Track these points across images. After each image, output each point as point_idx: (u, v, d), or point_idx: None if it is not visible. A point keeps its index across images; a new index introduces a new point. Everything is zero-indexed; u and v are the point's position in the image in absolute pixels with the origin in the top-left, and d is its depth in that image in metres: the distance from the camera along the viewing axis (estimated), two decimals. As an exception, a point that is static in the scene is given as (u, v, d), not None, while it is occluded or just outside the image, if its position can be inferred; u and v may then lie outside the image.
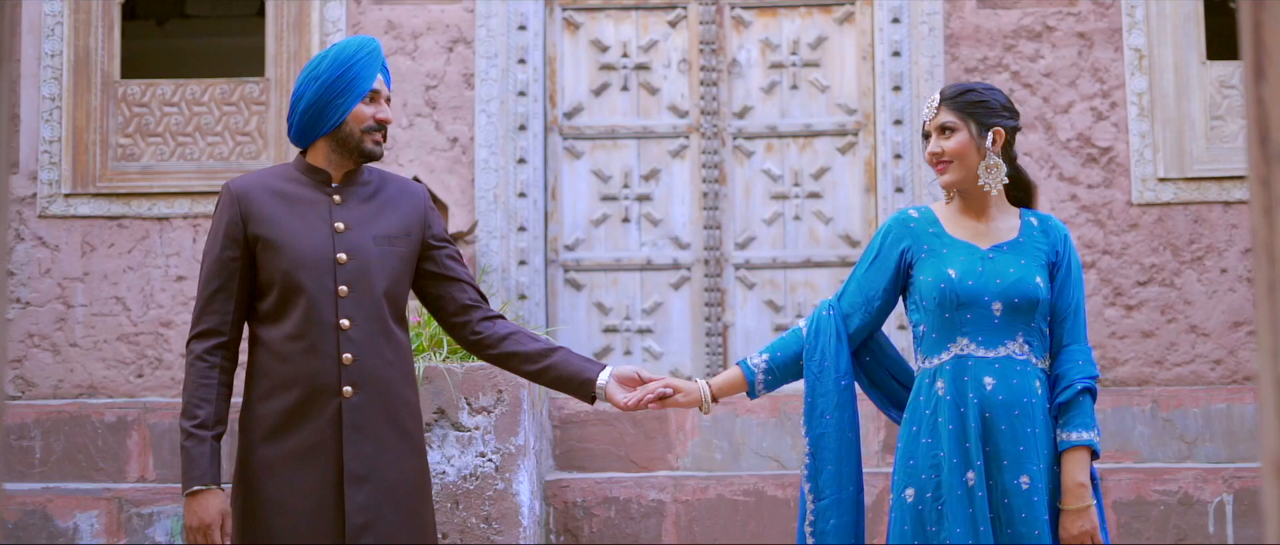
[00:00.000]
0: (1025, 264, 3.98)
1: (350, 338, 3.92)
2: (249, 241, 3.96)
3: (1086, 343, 4.00)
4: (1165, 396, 7.56)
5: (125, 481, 7.17)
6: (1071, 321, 4.00)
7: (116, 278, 8.19)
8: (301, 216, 4.00)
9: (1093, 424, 3.94)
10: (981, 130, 4.02)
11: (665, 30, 8.52)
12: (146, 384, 8.10)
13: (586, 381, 4.15)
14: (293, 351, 3.93)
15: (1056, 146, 8.16)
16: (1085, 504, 3.88)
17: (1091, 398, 3.96)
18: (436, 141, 8.24)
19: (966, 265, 3.98)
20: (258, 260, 3.97)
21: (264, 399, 3.96)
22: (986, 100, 4.06)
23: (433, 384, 6.12)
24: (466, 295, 4.22)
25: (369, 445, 3.93)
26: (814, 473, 4.09)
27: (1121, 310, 8.09)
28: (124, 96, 8.25)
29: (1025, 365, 3.95)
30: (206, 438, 3.90)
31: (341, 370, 3.91)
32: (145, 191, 8.18)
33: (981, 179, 4.02)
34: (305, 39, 8.12)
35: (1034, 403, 3.92)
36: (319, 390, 3.92)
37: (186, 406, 3.94)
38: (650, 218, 8.46)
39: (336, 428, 3.91)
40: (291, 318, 3.94)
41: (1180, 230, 8.08)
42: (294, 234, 3.97)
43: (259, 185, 4.04)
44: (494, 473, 6.13)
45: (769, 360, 4.21)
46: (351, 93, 4.01)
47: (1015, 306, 3.94)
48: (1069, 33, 8.22)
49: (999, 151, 4.03)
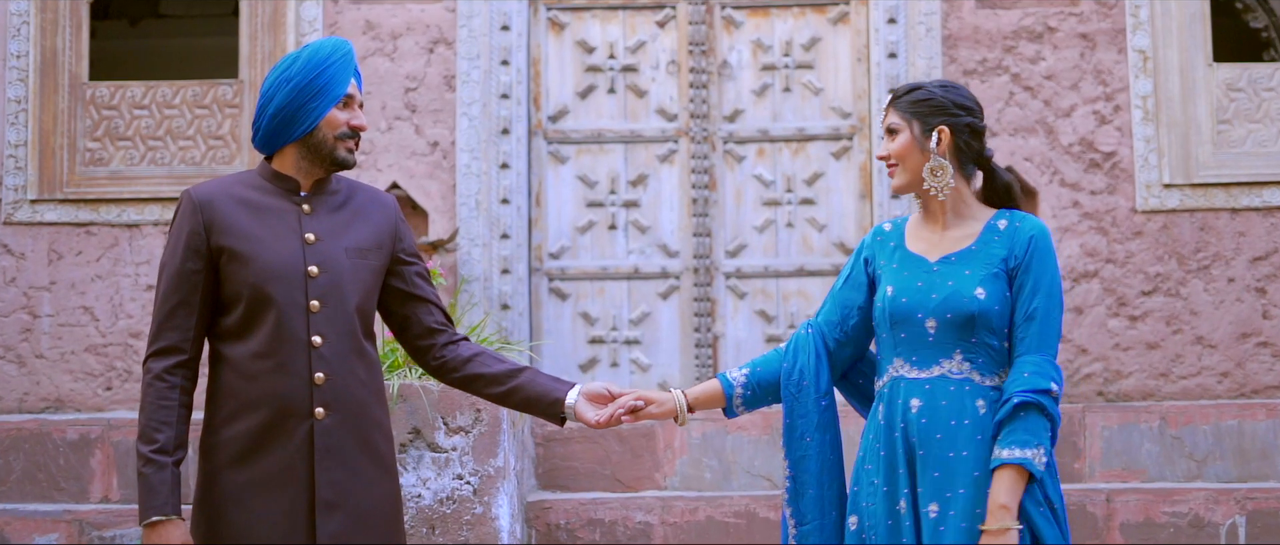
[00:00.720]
0: (968, 275, 3.78)
1: (322, 356, 3.78)
2: (212, 253, 3.79)
3: (1045, 352, 3.71)
4: (1173, 412, 7.38)
5: (87, 502, 6.98)
6: (1026, 330, 3.73)
7: (84, 287, 8.09)
8: (269, 227, 3.84)
9: (1029, 441, 3.64)
10: (925, 130, 3.85)
11: (653, 31, 8.44)
12: (115, 397, 7.99)
13: (554, 401, 4.04)
14: (260, 370, 3.77)
15: (1058, 151, 8.06)
16: (1003, 526, 3.61)
17: (1037, 413, 3.65)
18: (416, 146, 8.15)
19: (906, 281, 3.85)
20: (222, 273, 3.80)
21: (228, 421, 3.80)
22: (932, 98, 3.87)
23: (407, 403, 5.91)
24: (432, 317, 4.09)
25: (341, 470, 3.79)
26: (795, 496, 3.97)
27: (1125, 321, 8.00)
28: (93, 99, 8.17)
29: (963, 384, 3.75)
30: (167, 464, 3.73)
31: (313, 390, 3.77)
32: (114, 197, 8.09)
33: (927, 182, 3.84)
34: (280, 39, 8.06)
35: (965, 424, 3.73)
36: (288, 412, 3.76)
37: (144, 430, 3.75)
38: (638, 225, 8.37)
39: (308, 452, 3.76)
40: (259, 334, 3.78)
41: (1186, 238, 8.00)
42: (262, 245, 3.81)
43: (222, 193, 3.87)
44: (472, 496, 5.93)
45: (749, 376, 4.08)
46: (325, 97, 3.86)
47: (949, 322, 3.76)
48: (1071, 34, 8.13)
49: (944, 152, 3.84)
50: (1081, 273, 7.98)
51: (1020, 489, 3.64)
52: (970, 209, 3.89)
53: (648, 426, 7.32)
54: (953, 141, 3.85)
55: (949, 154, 3.85)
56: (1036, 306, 3.72)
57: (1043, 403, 3.65)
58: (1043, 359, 3.70)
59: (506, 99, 8.15)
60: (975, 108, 3.91)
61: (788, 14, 8.40)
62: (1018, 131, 8.02)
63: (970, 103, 3.90)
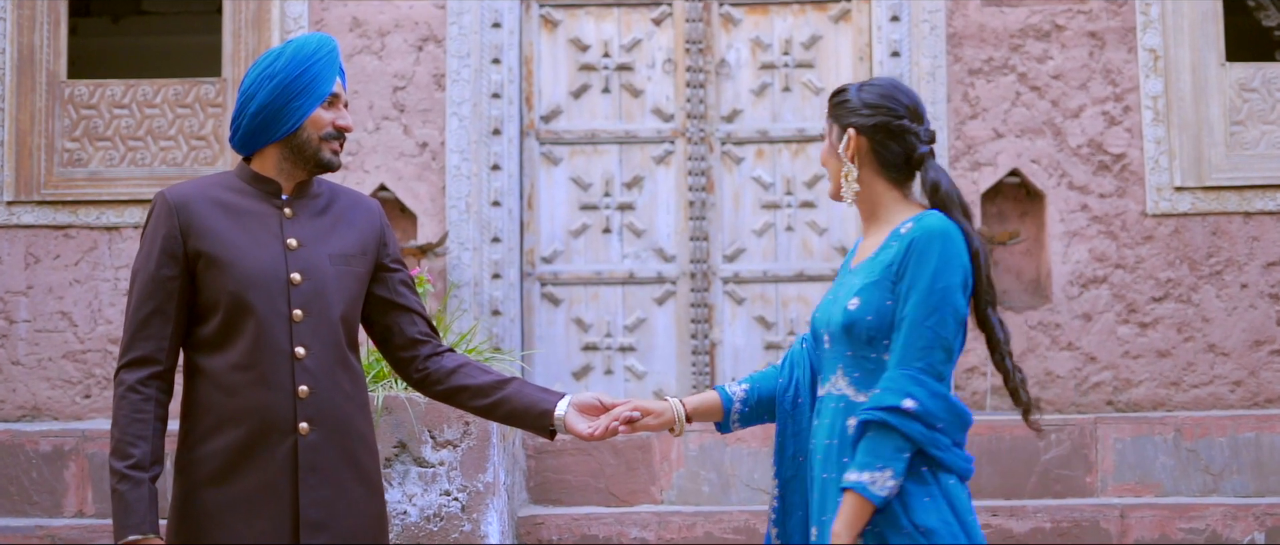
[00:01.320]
0: (853, 284, 3.58)
1: (306, 367, 3.67)
2: (190, 258, 3.67)
3: (909, 366, 3.43)
4: (1188, 424, 7.27)
5: (61, 517, 6.83)
6: (894, 341, 3.49)
7: (62, 291, 8.01)
8: (249, 231, 3.73)
9: (869, 464, 3.39)
10: (840, 134, 3.66)
11: (649, 28, 8.35)
12: (94, 405, 7.92)
13: (543, 413, 3.91)
14: (240, 383, 3.65)
15: (1066, 153, 7.98)
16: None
17: (882, 431, 3.40)
18: (404, 146, 8.05)
19: (828, 294, 3.72)
20: (198, 279, 3.68)
21: (207, 437, 3.67)
22: (846, 99, 3.66)
23: (393, 415, 5.75)
24: (417, 328, 3.97)
25: (326, 488, 3.68)
26: (782, 516, 3.79)
27: (1135, 328, 7.94)
28: (71, 98, 8.09)
29: (840, 401, 3.56)
30: (143, 480, 3.60)
31: (297, 404, 3.66)
32: (93, 199, 8.03)
33: (841, 188, 3.67)
34: (265, 36, 8.00)
35: (834, 445, 3.55)
36: (270, 427, 3.65)
37: (118, 444, 3.63)
38: (633, 228, 8.27)
39: (291, 469, 3.65)
40: (238, 345, 3.66)
41: (1198, 243, 7.94)
42: (242, 250, 3.70)
43: (199, 195, 3.75)
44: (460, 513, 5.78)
45: (748, 391, 3.91)
46: (310, 95, 3.75)
47: (834, 336, 3.58)
48: (1079, 32, 8.05)
49: (853, 156, 3.61)
50: (1090, 278, 7.92)
51: (859, 516, 3.39)
52: (891, 214, 3.64)
53: (643, 438, 7.18)
54: (867, 144, 3.61)
55: (863, 156, 3.62)
56: (904, 315, 3.45)
57: (887, 420, 3.38)
58: (904, 373, 3.42)
59: (498, 98, 8.07)
60: (895, 106, 3.63)
61: (787, 11, 8.32)
62: (1025, 133, 7.95)
63: (887, 102, 3.63)
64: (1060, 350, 7.87)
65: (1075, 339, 7.87)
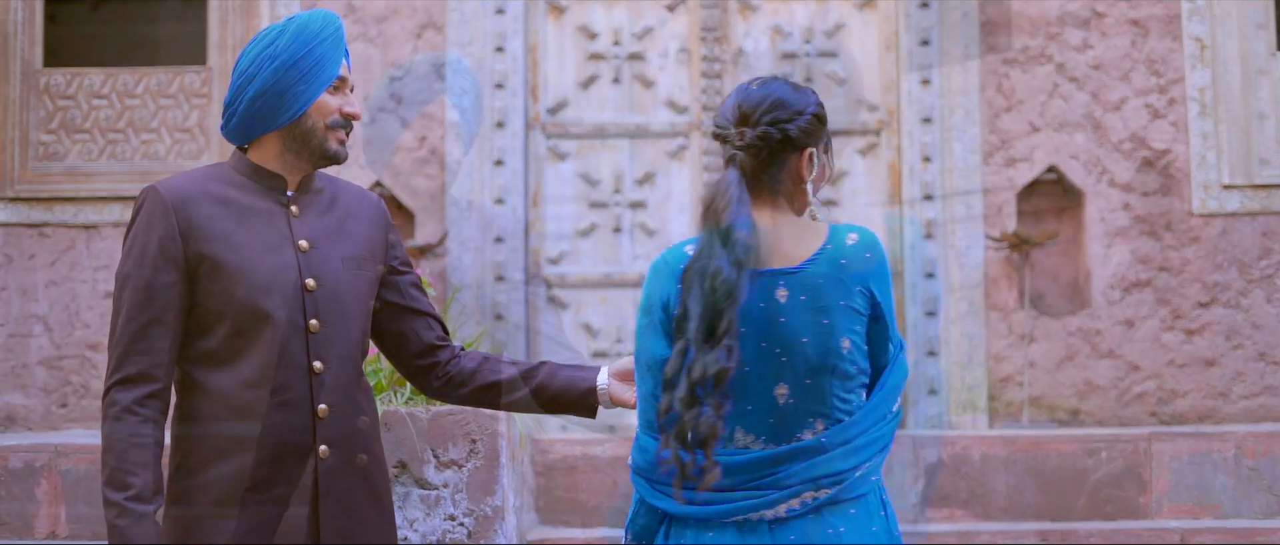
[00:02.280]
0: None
1: (325, 384, 3.46)
2: (191, 262, 3.42)
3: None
4: (1249, 441, 7.14)
5: (32, 539, 6.57)
6: None
7: (37, 293, 7.95)
8: (257, 232, 3.50)
9: None
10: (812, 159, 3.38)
11: (662, 16, 8.28)
12: (70, 415, 7.83)
13: (587, 391, 3.73)
14: (253, 402, 3.42)
15: (1106, 149, 7.91)
16: None
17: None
18: (402, 140, 7.94)
19: None
20: (199, 286, 3.43)
21: (210, 463, 3.43)
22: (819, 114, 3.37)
23: (393, 432, 5.53)
24: (433, 332, 3.76)
25: (344, 517, 3.50)
26: None
27: (1181, 335, 7.84)
28: (47, 87, 8.05)
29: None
30: (146, 514, 3.33)
31: (316, 424, 3.44)
32: (70, 196, 7.97)
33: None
34: (254, 23, 8.06)
35: None
36: (288, 450, 3.43)
37: (114, 473, 3.34)
38: (645, 227, 8.19)
39: (312, 498, 3.45)
40: (250, 360, 3.42)
41: (1247, 244, 7.85)
42: (251, 254, 3.47)
43: (198, 191, 3.50)
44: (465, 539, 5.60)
45: None
46: (315, 78, 3.51)
47: None
48: (1120, 20, 7.99)
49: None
50: (1133, 282, 7.83)
51: None
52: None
53: (660, 454, 6.83)
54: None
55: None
56: None
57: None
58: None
59: (501, 89, 8.02)
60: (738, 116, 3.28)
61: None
62: (1063, 127, 7.88)
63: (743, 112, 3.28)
64: (1100, 358, 7.75)
65: (1116, 346, 7.76)
